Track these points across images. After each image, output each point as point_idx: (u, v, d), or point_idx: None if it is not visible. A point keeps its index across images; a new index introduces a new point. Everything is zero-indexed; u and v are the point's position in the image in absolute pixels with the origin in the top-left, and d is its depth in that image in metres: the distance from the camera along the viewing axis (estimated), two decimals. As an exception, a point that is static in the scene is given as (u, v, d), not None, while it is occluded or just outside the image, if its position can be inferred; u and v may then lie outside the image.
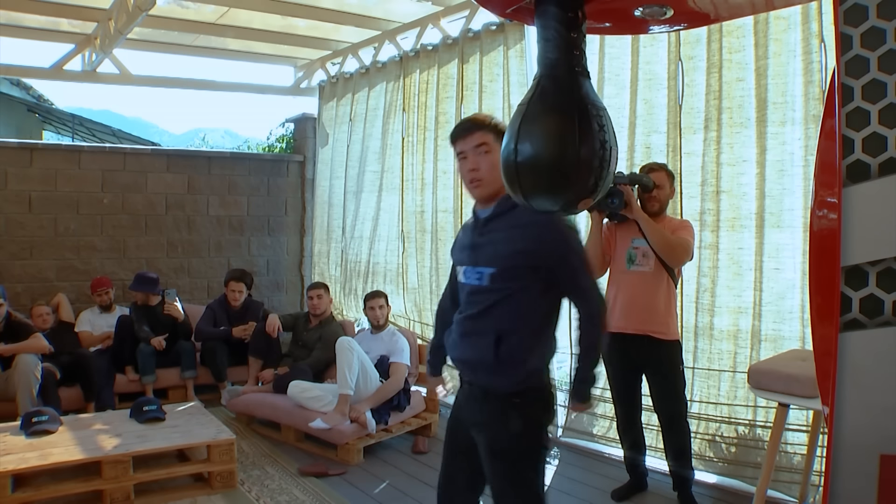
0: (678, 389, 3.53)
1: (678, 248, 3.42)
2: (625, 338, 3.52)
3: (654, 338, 3.48)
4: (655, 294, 3.49)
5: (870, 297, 1.52)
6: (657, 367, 3.54)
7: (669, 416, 3.55)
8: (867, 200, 1.51)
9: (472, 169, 2.22)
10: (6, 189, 6.04)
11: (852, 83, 1.54)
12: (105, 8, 5.42)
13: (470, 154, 2.23)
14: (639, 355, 3.54)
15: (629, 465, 3.79)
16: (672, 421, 3.54)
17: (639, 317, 3.50)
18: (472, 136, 2.22)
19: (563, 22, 2.06)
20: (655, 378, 3.58)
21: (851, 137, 1.54)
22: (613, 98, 4.29)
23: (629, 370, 3.63)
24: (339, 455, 4.29)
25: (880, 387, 1.51)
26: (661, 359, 3.51)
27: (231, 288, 5.85)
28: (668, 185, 3.59)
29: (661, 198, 3.56)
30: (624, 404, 3.72)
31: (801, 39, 3.52)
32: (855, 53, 1.53)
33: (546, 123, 2.05)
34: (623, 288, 3.58)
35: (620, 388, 3.71)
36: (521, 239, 2.16)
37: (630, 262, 3.56)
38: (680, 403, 3.54)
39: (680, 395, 3.54)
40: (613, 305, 3.57)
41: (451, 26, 5.70)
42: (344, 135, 6.89)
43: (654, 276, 3.49)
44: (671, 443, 3.57)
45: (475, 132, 2.22)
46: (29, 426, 3.82)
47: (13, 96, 11.73)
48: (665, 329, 3.49)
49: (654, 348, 3.49)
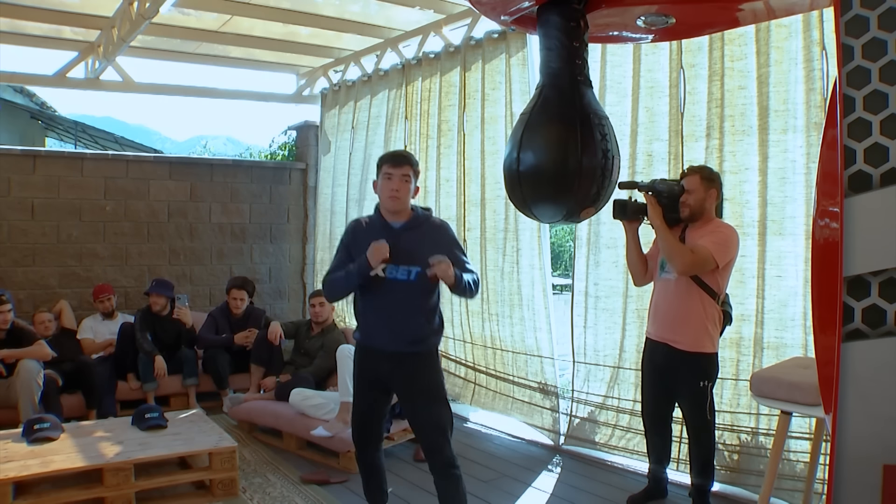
0: (699, 404, 3.42)
1: (680, 256, 3.31)
2: (653, 344, 3.55)
3: (677, 348, 3.43)
4: (680, 302, 3.42)
5: (872, 307, 1.52)
6: (681, 378, 3.47)
7: (692, 428, 3.50)
8: (869, 211, 1.52)
9: (395, 189, 2.98)
10: (9, 196, 6.06)
11: (854, 94, 1.54)
12: (108, 16, 5.45)
13: (395, 178, 2.98)
14: (665, 363, 3.51)
15: (652, 473, 3.76)
16: (694, 433, 3.49)
17: (663, 324, 3.49)
18: (401, 167, 2.99)
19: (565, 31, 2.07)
20: (678, 389, 3.52)
21: (853, 148, 1.54)
22: (615, 106, 4.30)
23: (661, 377, 3.58)
24: (340, 463, 4.28)
25: (883, 397, 1.51)
26: (685, 371, 3.43)
27: (233, 296, 5.85)
28: (701, 188, 3.41)
29: (692, 202, 3.42)
30: (650, 412, 3.69)
31: (803, 47, 3.53)
32: (856, 64, 1.54)
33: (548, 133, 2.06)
34: (655, 295, 3.60)
35: (647, 394, 3.68)
36: (434, 244, 2.98)
37: (662, 270, 3.55)
38: (700, 418, 3.44)
39: (700, 410, 3.43)
40: (649, 312, 3.63)
41: (453, 34, 5.72)
42: (346, 142, 6.90)
43: (679, 284, 3.41)
44: (694, 454, 3.52)
45: (405, 165, 3.00)
46: (31, 433, 3.81)
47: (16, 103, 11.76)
48: (686, 340, 3.40)
49: (677, 358, 3.44)
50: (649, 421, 3.72)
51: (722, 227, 3.45)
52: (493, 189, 5.17)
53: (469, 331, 5.48)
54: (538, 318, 4.89)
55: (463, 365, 5.58)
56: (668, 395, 3.61)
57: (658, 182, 3.48)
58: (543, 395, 4.86)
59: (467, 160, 5.42)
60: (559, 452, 4.59)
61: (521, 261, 4.98)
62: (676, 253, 3.33)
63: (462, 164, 5.45)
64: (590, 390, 4.55)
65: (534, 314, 4.92)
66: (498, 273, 5.15)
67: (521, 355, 5.03)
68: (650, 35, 2.43)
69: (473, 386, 5.48)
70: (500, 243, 5.13)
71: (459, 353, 5.62)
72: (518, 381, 5.06)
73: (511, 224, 5.03)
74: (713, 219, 3.50)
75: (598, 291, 4.45)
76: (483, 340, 5.37)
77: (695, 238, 3.41)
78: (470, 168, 5.39)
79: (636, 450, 4.23)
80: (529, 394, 4.97)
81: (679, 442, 3.94)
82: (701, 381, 3.42)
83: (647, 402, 3.71)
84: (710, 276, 3.37)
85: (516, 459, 4.53)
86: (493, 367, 5.30)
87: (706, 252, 3.30)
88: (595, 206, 2.12)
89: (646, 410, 3.73)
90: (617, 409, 4.40)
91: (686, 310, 3.41)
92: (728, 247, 3.36)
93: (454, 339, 5.63)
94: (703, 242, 3.34)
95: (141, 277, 6.55)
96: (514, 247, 5.01)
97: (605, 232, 4.38)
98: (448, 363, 5.62)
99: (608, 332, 4.44)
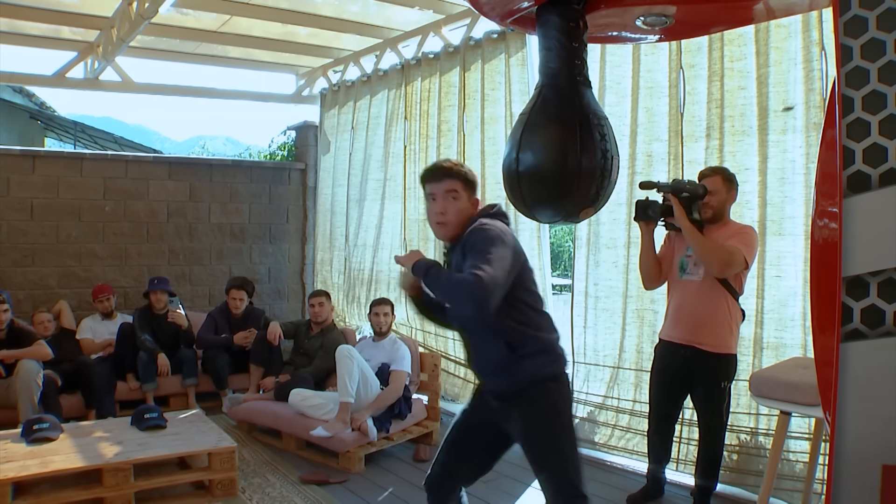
0: (718, 404, 3.44)
1: (718, 257, 3.28)
2: (674, 347, 3.50)
3: (701, 350, 3.41)
4: (705, 304, 3.40)
5: (871, 307, 1.52)
6: (702, 379, 3.45)
7: (706, 429, 3.49)
8: (868, 211, 1.51)
9: (440, 213, 2.36)
10: (8, 196, 6.05)
11: (852, 94, 1.54)
12: (107, 16, 5.45)
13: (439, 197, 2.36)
14: (686, 366, 3.47)
15: (651, 473, 3.77)
16: (707, 435, 3.49)
17: (686, 327, 3.45)
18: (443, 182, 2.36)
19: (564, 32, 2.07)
20: (699, 390, 3.50)
21: (852, 148, 1.54)
22: (615, 106, 4.30)
23: (674, 380, 3.56)
24: (340, 463, 4.28)
25: (882, 397, 1.51)
26: (708, 371, 3.42)
27: (232, 296, 5.85)
28: (723, 190, 3.43)
29: (715, 204, 3.42)
30: (658, 414, 3.68)
31: (802, 48, 3.53)
32: (855, 65, 1.54)
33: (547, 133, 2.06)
34: (675, 297, 3.56)
35: (659, 396, 3.65)
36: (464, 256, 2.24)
37: (682, 271, 3.52)
38: (717, 418, 3.45)
39: (717, 410, 3.44)
40: (666, 313, 3.58)
41: (453, 34, 5.72)
42: (346, 143, 6.90)
43: (704, 285, 3.40)
44: (703, 455, 3.52)
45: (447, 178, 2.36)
46: (30, 433, 3.81)
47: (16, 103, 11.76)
48: (714, 341, 3.39)
49: (700, 360, 3.42)
50: (656, 422, 3.71)
51: (746, 228, 3.46)
52: (494, 189, 5.17)
53: (468, 331, 5.46)
54: (538, 318, 4.88)
55: (463, 365, 5.57)
56: (680, 396, 3.61)
57: (681, 183, 3.43)
58: (543, 395, 4.85)
59: (468, 161, 5.41)
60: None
61: (520, 261, 4.97)
62: (715, 255, 3.29)
63: (462, 165, 5.44)
64: (589, 390, 4.55)
65: (533, 314, 4.91)
66: (497, 273, 5.13)
67: (521, 355, 5.02)
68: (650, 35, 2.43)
69: (473, 386, 5.46)
70: (500, 243, 5.12)
71: (459, 353, 5.61)
72: (517, 382, 5.05)
73: (511, 224, 5.01)
74: (730, 220, 3.52)
75: (598, 292, 4.45)
76: (482, 340, 5.36)
77: (719, 239, 3.39)
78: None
79: (636, 450, 4.23)
80: (529, 394, 4.96)
81: (679, 442, 3.94)
82: (722, 381, 3.43)
83: (657, 403, 3.68)
84: (735, 277, 3.39)
85: (516, 460, 4.48)
86: (493, 368, 5.28)
87: (739, 252, 3.30)
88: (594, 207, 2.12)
89: (654, 411, 3.71)
90: (616, 409, 4.40)
91: (712, 311, 3.40)
92: (755, 246, 3.40)
93: (454, 340, 5.63)
94: (734, 242, 3.33)
95: (140, 278, 6.54)
96: (513, 247, 5.00)
97: (605, 232, 4.38)
98: (448, 363, 5.62)
99: (608, 333, 4.44)
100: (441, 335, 5.74)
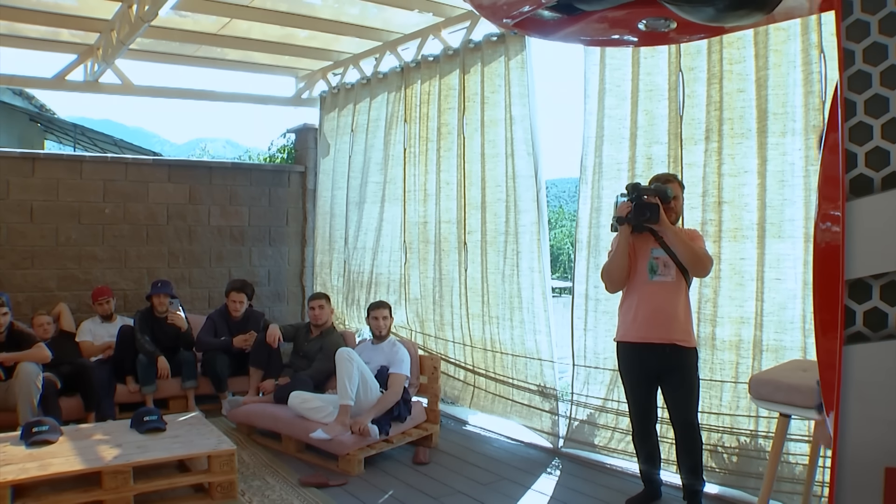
0: (694, 398, 3.56)
1: (705, 259, 3.46)
2: (647, 347, 3.53)
3: (678, 346, 3.50)
4: (677, 303, 3.52)
5: (873, 310, 1.52)
6: (677, 374, 3.53)
7: (684, 424, 3.54)
8: (870, 214, 1.52)
9: None
10: (8, 198, 6.05)
11: (855, 98, 1.55)
12: (107, 19, 5.45)
13: None
14: (660, 364, 3.54)
15: (645, 476, 3.77)
16: (686, 430, 3.53)
17: (664, 326, 3.51)
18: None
19: None
20: (673, 386, 3.56)
21: (854, 152, 1.54)
22: (614, 109, 4.30)
23: (649, 380, 3.62)
24: (339, 466, 4.28)
25: (884, 400, 1.51)
26: (682, 366, 3.52)
27: (232, 298, 5.84)
28: (681, 195, 3.64)
29: (677, 208, 3.60)
30: (641, 414, 3.70)
31: (801, 50, 3.54)
32: (857, 69, 1.54)
33: None
34: (645, 298, 3.57)
35: (640, 397, 3.68)
36: None
37: (652, 273, 3.56)
38: (693, 413, 3.55)
39: (695, 404, 3.57)
40: (633, 315, 3.58)
41: (452, 37, 5.72)
42: (346, 145, 6.91)
43: (675, 285, 3.53)
44: (685, 452, 3.55)
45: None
46: (29, 436, 3.80)
47: (15, 106, 11.75)
48: (687, 337, 3.53)
49: (675, 356, 3.51)
50: (641, 423, 3.72)
51: (696, 232, 3.67)
52: (494, 192, 5.17)
53: (469, 333, 5.47)
54: (538, 320, 4.90)
55: (462, 368, 5.57)
56: (653, 395, 3.69)
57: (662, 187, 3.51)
58: (543, 397, 4.86)
59: (467, 163, 5.42)
60: (558, 455, 4.59)
61: (520, 263, 4.98)
62: (702, 258, 3.47)
63: (462, 168, 5.45)
64: (589, 393, 4.55)
65: (533, 317, 4.92)
66: (498, 276, 5.15)
67: (521, 358, 5.03)
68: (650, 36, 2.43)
69: (473, 389, 5.47)
70: (501, 246, 5.13)
71: (459, 355, 5.62)
72: (517, 384, 5.06)
73: (511, 227, 5.03)
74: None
75: (598, 294, 4.45)
76: (483, 343, 5.37)
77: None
78: (470, 171, 5.40)
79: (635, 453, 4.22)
80: (529, 397, 4.97)
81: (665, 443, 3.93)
82: (696, 374, 3.58)
83: (639, 404, 3.70)
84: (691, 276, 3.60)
85: (515, 462, 4.53)
86: (493, 370, 5.29)
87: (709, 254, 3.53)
88: None
89: (638, 412, 3.72)
90: (616, 411, 4.40)
91: (684, 308, 3.55)
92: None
93: (454, 342, 5.63)
94: (700, 244, 3.53)
95: (140, 280, 6.54)
96: (514, 249, 5.02)
97: (605, 235, 4.38)
98: (447, 366, 5.62)
99: (608, 335, 4.43)
100: (441, 338, 5.74)
